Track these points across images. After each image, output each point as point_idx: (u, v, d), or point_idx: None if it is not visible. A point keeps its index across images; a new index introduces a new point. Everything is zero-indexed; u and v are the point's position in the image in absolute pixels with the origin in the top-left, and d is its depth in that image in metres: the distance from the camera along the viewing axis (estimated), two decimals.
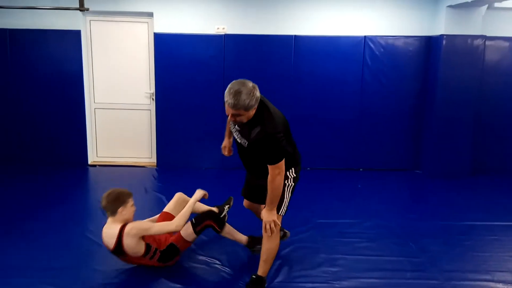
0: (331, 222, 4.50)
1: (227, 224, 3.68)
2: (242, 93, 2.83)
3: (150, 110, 6.55)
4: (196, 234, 3.52)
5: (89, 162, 6.61)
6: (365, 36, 6.24)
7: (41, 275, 3.46)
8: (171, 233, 3.57)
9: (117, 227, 3.30)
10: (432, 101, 6.22)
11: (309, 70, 6.24)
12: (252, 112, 2.94)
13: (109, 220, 3.39)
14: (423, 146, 6.48)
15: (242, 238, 3.76)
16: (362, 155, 6.57)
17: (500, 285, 3.42)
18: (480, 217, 4.79)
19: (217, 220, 3.59)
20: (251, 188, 3.63)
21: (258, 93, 2.94)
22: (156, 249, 3.45)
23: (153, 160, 6.67)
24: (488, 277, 3.53)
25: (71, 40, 6.22)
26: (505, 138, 6.50)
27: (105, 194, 3.36)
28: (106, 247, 3.41)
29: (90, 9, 5.55)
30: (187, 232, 3.50)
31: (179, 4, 6.16)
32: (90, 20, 6.32)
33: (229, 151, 3.70)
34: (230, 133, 3.49)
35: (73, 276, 3.46)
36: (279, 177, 2.98)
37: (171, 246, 3.52)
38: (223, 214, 3.66)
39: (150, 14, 6.22)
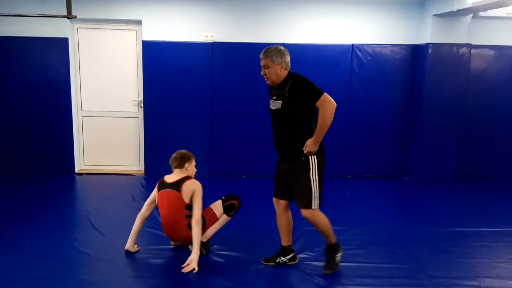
0: None
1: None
2: (272, 47, 3.46)
3: (138, 117, 6.52)
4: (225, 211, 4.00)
5: (76, 170, 6.54)
6: (352, 45, 6.29)
7: (26, 285, 3.39)
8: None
9: (183, 175, 3.84)
10: (419, 108, 6.28)
11: None
12: (279, 69, 3.42)
13: (175, 171, 3.88)
14: (411, 153, 6.53)
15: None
16: (350, 162, 6.60)
17: None
18: (467, 223, 4.83)
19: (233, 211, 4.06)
20: (279, 186, 3.70)
21: (287, 56, 3.47)
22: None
23: (141, 168, 6.62)
24: (475, 283, 3.55)
25: (58, 48, 6.19)
26: (491, 145, 6.58)
27: (174, 153, 3.92)
28: (161, 187, 3.84)
29: (77, 17, 5.49)
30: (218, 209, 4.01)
31: (168, 12, 6.16)
32: (77, 28, 6.29)
33: None
34: None
35: (59, 286, 3.39)
36: (329, 107, 3.39)
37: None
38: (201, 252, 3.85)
39: (139, 22, 6.21)
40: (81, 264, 3.77)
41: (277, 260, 3.78)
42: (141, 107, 6.46)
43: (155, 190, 3.89)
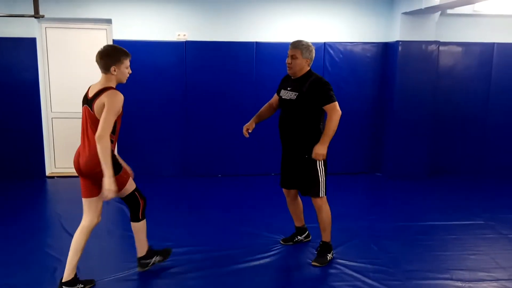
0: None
1: (144, 222, 3.54)
2: (303, 41, 3.64)
3: None
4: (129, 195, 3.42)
5: (47, 173, 6.41)
6: (324, 43, 6.34)
7: None
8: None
9: (106, 85, 3.15)
10: (390, 105, 6.38)
11: (271, 76, 6.23)
12: (305, 62, 3.61)
13: (102, 77, 3.22)
14: (383, 149, 6.63)
15: (144, 246, 3.58)
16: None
17: (458, 283, 3.52)
18: (439, 217, 4.94)
19: (143, 209, 3.46)
20: (286, 177, 3.90)
21: (314, 54, 3.67)
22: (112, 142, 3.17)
23: None
24: (447, 275, 3.63)
25: (26, 48, 6.04)
26: (460, 140, 6.74)
27: (100, 48, 3.19)
28: (83, 102, 3.28)
29: (45, 16, 5.40)
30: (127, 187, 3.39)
31: (138, 10, 6.08)
32: (46, 27, 6.15)
33: (247, 131, 3.93)
34: (259, 118, 3.99)
35: None
36: (335, 116, 3.51)
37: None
38: (151, 262, 3.63)
39: (109, 21, 6.11)
40: (53, 270, 3.68)
41: (295, 239, 4.17)
42: None
43: None
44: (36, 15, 4.97)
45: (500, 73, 6.56)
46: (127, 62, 3.27)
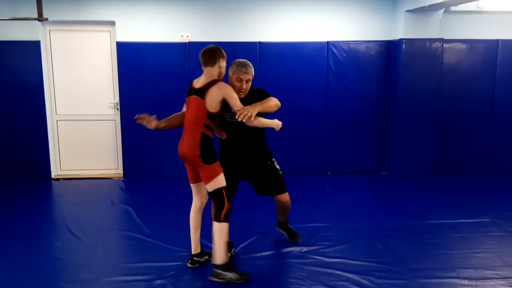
0: (300, 227, 4.51)
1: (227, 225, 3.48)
2: (245, 61, 3.59)
3: (115, 120, 6.44)
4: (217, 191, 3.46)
5: (53, 175, 6.43)
6: (328, 42, 6.33)
7: None
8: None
9: (213, 77, 3.41)
10: (394, 103, 6.36)
11: (274, 76, 6.27)
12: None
13: (205, 72, 3.45)
14: (388, 147, 6.61)
15: (219, 254, 3.46)
16: (329, 159, 6.65)
17: (465, 281, 3.50)
18: (445, 216, 4.92)
19: (226, 211, 3.44)
20: (258, 186, 3.95)
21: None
22: (212, 131, 3.46)
23: (120, 171, 6.55)
24: (454, 274, 3.61)
25: (30, 51, 6.07)
26: (466, 138, 6.70)
27: (204, 49, 3.48)
28: (189, 92, 3.51)
29: (49, 19, 5.40)
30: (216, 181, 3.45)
31: (141, 12, 6.09)
32: (49, 30, 6.18)
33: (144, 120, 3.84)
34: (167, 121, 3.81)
35: None
36: (275, 102, 3.58)
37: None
38: (227, 276, 3.44)
39: (112, 23, 6.13)
40: (60, 272, 3.70)
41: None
42: (117, 109, 6.38)
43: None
44: (40, 18, 4.99)
45: (505, 70, 6.51)
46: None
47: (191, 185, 3.71)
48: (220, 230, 3.42)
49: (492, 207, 5.17)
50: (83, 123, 6.44)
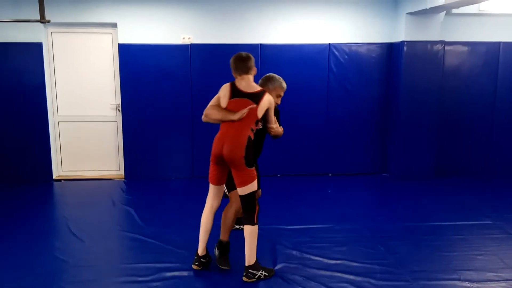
0: (302, 228, 4.52)
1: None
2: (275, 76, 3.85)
3: (116, 121, 6.45)
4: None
5: (54, 177, 6.44)
6: (329, 44, 6.34)
7: None
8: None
9: (256, 85, 3.57)
10: (396, 105, 6.36)
11: None
12: None
13: (244, 79, 3.54)
14: (390, 149, 6.61)
15: (252, 255, 3.55)
16: (331, 161, 6.65)
17: (466, 283, 3.50)
18: (446, 218, 4.91)
19: (257, 214, 3.54)
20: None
21: None
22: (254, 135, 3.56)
23: (121, 172, 6.56)
24: (455, 276, 3.61)
25: (32, 53, 6.08)
26: (467, 140, 6.69)
27: (235, 55, 3.57)
28: (235, 94, 3.51)
29: (51, 21, 5.43)
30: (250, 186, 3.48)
31: (143, 14, 6.11)
32: (51, 32, 6.20)
33: None
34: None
35: None
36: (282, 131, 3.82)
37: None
38: (257, 275, 3.53)
39: (114, 25, 6.15)
40: (62, 273, 3.70)
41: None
42: (119, 110, 6.39)
43: (225, 94, 3.57)
44: (42, 20, 5.01)
45: (506, 72, 6.51)
46: None
47: (212, 186, 3.65)
48: (253, 233, 3.49)
49: (493, 209, 5.17)
50: (84, 125, 6.45)
